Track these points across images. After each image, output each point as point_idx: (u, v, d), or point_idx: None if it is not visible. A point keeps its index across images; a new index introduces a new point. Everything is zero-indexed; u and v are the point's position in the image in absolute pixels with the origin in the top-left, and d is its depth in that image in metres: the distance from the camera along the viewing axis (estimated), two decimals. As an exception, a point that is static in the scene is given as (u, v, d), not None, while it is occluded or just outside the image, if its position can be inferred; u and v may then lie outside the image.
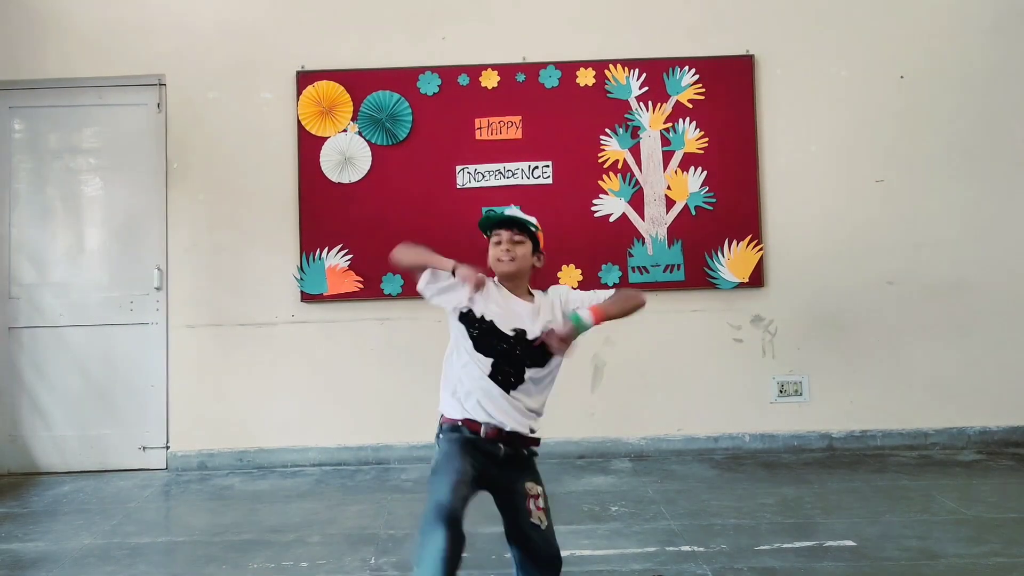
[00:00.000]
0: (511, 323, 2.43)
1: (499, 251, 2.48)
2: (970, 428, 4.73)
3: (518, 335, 2.43)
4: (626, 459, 4.66)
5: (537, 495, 2.39)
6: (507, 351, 2.42)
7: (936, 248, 4.78)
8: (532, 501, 2.37)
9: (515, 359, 2.42)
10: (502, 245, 2.48)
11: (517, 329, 2.43)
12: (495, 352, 2.41)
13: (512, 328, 2.43)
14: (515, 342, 2.42)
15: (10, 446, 4.72)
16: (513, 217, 2.53)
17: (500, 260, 2.48)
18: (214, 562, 3.27)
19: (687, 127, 4.78)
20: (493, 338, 2.42)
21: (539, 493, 2.40)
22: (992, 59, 4.82)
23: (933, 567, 2.99)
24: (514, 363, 2.42)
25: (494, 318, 2.43)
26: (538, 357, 2.44)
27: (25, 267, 4.80)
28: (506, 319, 2.44)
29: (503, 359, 2.42)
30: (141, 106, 4.85)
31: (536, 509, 2.36)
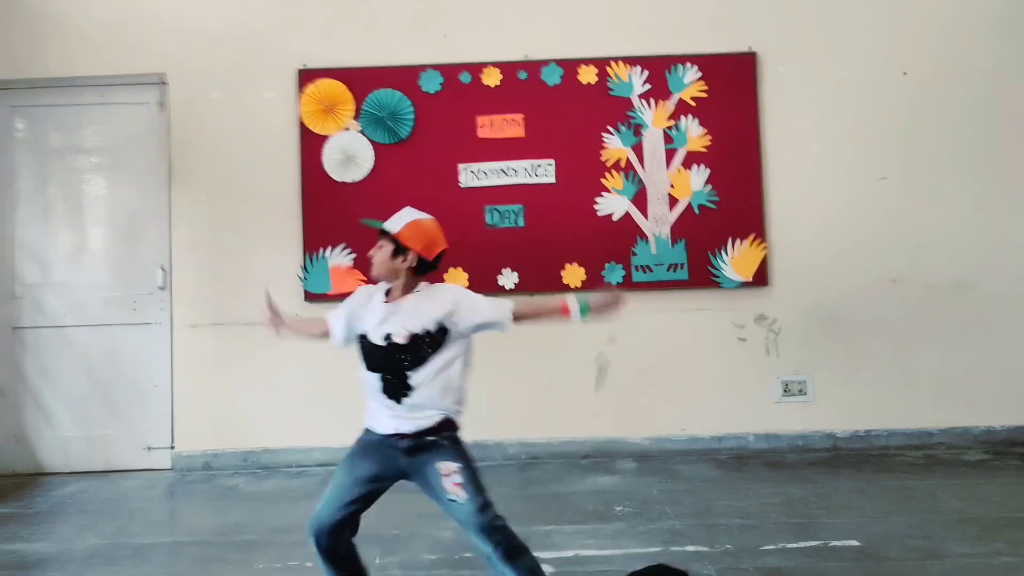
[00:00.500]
0: (382, 331, 2.46)
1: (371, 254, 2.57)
2: (975, 428, 4.72)
3: (388, 340, 2.44)
4: (630, 459, 4.66)
5: (450, 473, 2.39)
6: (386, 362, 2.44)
7: (940, 247, 4.77)
8: (445, 480, 2.38)
9: (395, 369, 2.43)
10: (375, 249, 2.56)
11: (387, 335, 2.45)
12: (378, 367, 2.45)
13: (383, 336, 2.45)
14: (388, 349, 2.44)
15: (15, 447, 4.73)
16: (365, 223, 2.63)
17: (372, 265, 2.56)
18: (219, 562, 3.27)
19: (690, 125, 4.76)
20: (373, 352, 2.46)
21: (452, 471, 2.39)
22: (996, 56, 4.80)
23: (938, 567, 2.98)
24: (396, 373, 2.43)
25: (367, 332, 2.48)
26: (414, 358, 2.43)
27: (28, 267, 4.81)
28: (377, 328, 2.47)
29: (387, 372, 2.44)
30: (143, 105, 4.85)
31: (452, 486, 2.37)
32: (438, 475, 2.39)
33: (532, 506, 3.86)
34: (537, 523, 3.60)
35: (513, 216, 4.74)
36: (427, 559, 3.23)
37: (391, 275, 2.54)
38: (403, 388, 2.43)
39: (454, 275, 4.70)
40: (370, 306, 2.53)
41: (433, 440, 2.44)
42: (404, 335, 2.43)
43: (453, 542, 3.40)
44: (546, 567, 3.07)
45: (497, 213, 4.74)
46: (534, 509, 3.81)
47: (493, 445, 4.72)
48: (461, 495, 2.36)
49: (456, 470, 2.39)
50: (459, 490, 2.36)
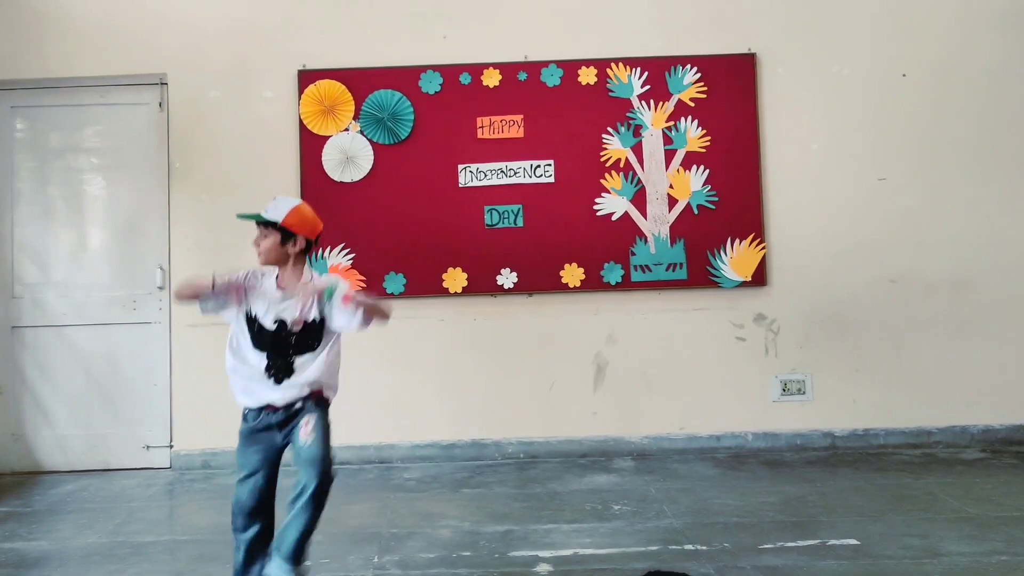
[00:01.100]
0: (272, 314, 2.64)
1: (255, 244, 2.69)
2: (973, 426, 4.72)
3: (280, 325, 2.63)
4: (628, 458, 4.66)
5: (307, 422, 2.62)
6: (274, 345, 2.63)
7: (939, 246, 4.78)
8: (303, 427, 2.62)
9: (281, 352, 2.63)
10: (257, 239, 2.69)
11: (278, 319, 2.63)
12: (267, 346, 2.64)
13: (274, 320, 2.63)
14: (278, 332, 2.63)
15: (14, 445, 4.73)
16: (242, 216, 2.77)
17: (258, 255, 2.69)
18: (218, 561, 3.27)
19: (689, 126, 4.77)
20: (262, 334, 2.64)
21: (310, 420, 2.62)
22: (995, 57, 4.82)
23: (936, 565, 2.98)
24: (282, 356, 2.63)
25: (258, 314, 2.65)
26: (304, 343, 2.64)
27: (28, 266, 4.81)
28: (268, 312, 2.64)
29: (274, 352, 2.63)
30: (143, 105, 4.86)
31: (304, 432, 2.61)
32: (298, 428, 2.62)
33: (530, 505, 3.86)
34: (535, 522, 3.61)
35: (512, 216, 4.75)
36: (425, 558, 3.23)
37: (281, 260, 2.69)
38: (287, 370, 2.62)
39: (453, 275, 4.71)
40: (261, 289, 2.68)
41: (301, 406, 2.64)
42: (297, 323, 2.62)
43: (451, 541, 3.41)
44: (544, 565, 3.10)
45: (496, 213, 4.75)
46: (532, 508, 3.82)
47: (492, 444, 4.72)
48: (310, 438, 2.59)
49: (313, 420, 2.62)
50: (310, 434, 2.59)
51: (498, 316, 4.76)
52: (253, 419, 2.69)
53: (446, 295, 4.73)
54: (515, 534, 3.46)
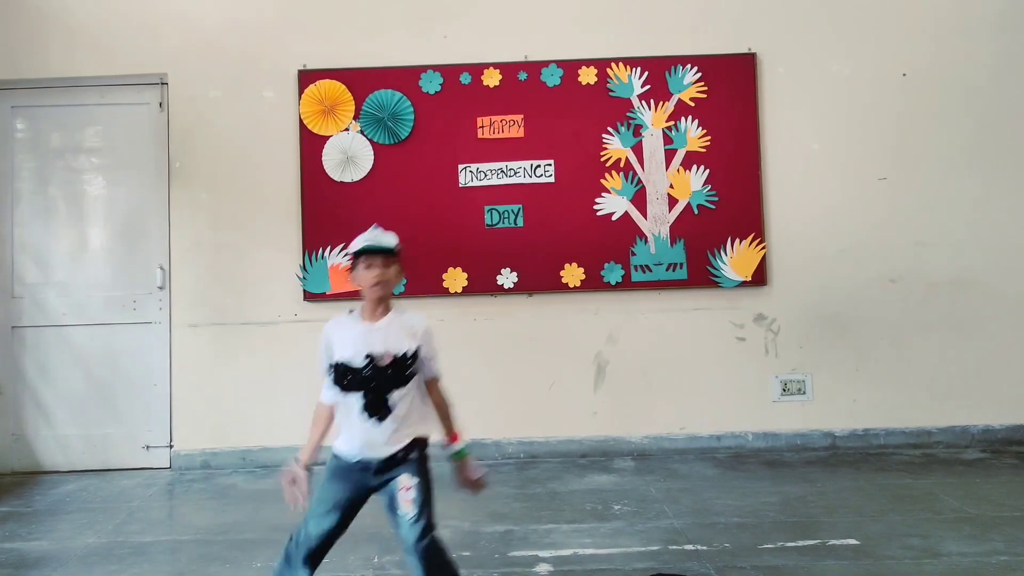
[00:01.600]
0: (361, 351, 2.48)
1: (371, 275, 2.50)
2: (973, 426, 4.72)
3: (369, 360, 2.47)
4: (629, 458, 4.66)
5: (408, 487, 2.45)
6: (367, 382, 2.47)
7: (939, 246, 4.77)
8: (402, 494, 2.45)
9: (376, 388, 2.47)
10: (374, 270, 2.50)
11: (366, 355, 2.47)
12: (359, 388, 2.47)
13: (363, 356, 2.47)
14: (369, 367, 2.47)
15: (14, 445, 4.73)
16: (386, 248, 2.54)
17: (373, 285, 2.50)
18: (218, 561, 3.27)
19: (689, 125, 4.77)
20: (353, 374, 2.47)
21: (411, 485, 2.45)
22: (995, 57, 4.81)
23: (936, 566, 2.98)
24: (377, 392, 2.47)
25: (345, 356, 2.49)
26: (396, 379, 2.48)
27: (28, 266, 4.81)
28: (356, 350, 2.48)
29: (368, 392, 2.47)
30: (143, 105, 4.86)
31: (405, 503, 2.44)
32: (397, 487, 2.45)
33: (531, 505, 3.86)
34: (536, 522, 3.61)
35: (513, 216, 4.75)
36: (425, 557, 3.22)
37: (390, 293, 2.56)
38: (384, 406, 2.46)
39: (453, 275, 4.71)
40: (342, 332, 2.53)
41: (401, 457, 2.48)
42: (387, 357, 2.47)
43: (450, 541, 3.39)
44: (544, 565, 3.10)
45: (497, 213, 4.75)
46: (533, 508, 3.82)
47: (492, 444, 4.72)
48: (411, 511, 2.43)
49: (414, 485, 2.45)
50: (411, 507, 2.43)
51: (498, 316, 4.76)
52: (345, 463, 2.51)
53: (446, 295, 4.73)
54: (515, 534, 3.46)
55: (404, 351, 2.48)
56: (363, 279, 2.51)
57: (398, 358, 2.48)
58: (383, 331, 2.50)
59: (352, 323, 2.54)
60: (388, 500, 2.47)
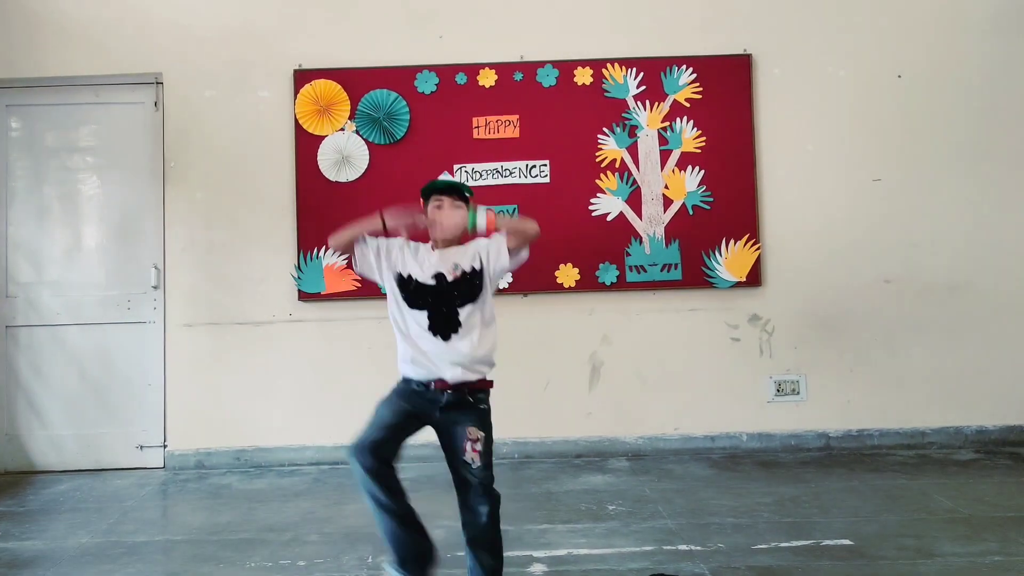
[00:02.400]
0: (430, 271, 2.62)
1: (440, 215, 2.64)
2: (967, 427, 4.73)
3: (439, 279, 2.61)
4: (623, 458, 4.67)
5: (476, 439, 2.57)
6: (436, 299, 2.59)
7: (933, 247, 4.79)
8: (470, 443, 2.57)
9: (445, 303, 2.59)
10: (443, 208, 2.65)
11: (436, 274, 2.61)
12: (427, 304, 2.59)
13: (432, 276, 2.62)
14: (439, 287, 2.60)
15: (7, 445, 4.72)
16: (454, 183, 2.72)
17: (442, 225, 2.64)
18: (211, 561, 3.27)
19: (684, 126, 4.78)
20: (422, 291, 2.60)
21: (479, 437, 2.57)
22: (990, 58, 4.83)
23: (930, 566, 2.99)
24: (447, 307, 2.59)
25: (414, 274, 2.63)
26: (465, 293, 2.60)
27: (22, 266, 4.80)
28: (425, 271, 2.63)
29: (435, 308, 2.59)
30: (138, 104, 4.85)
31: (472, 451, 2.56)
32: (464, 437, 2.56)
33: (525, 505, 3.86)
34: (530, 522, 3.61)
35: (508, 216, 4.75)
36: (420, 557, 3.22)
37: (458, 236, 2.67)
38: (453, 323, 2.57)
39: (448, 275, 4.70)
40: (412, 253, 2.67)
41: (469, 400, 2.60)
42: (455, 273, 2.60)
43: (446, 541, 3.39)
44: (539, 566, 3.11)
45: (492, 213, 4.74)
46: (527, 508, 3.82)
47: (487, 445, 4.72)
48: (477, 460, 2.56)
49: (480, 437, 2.58)
50: (477, 456, 2.56)
51: (493, 316, 4.75)
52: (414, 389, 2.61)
53: (441, 295, 4.73)
54: (510, 534, 3.45)
55: (472, 267, 2.62)
56: (432, 219, 2.66)
57: (467, 273, 2.61)
58: (451, 255, 2.66)
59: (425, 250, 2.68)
60: (450, 442, 2.58)
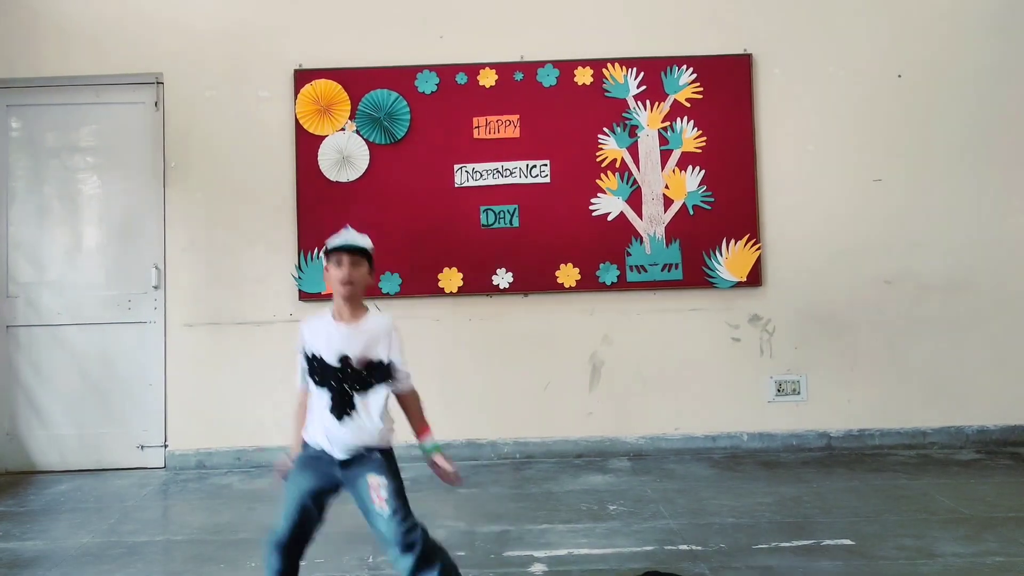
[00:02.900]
0: (336, 351, 2.50)
1: (340, 274, 2.52)
2: (968, 427, 4.73)
3: (343, 362, 2.49)
4: (624, 458, 4.66)
5: (378, 486, 2.46)
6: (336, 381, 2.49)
7: (934, 247, 4.78)
8: (373, 492, 2.46)
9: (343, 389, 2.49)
10: (343, 268, 2.51)
11: (342, 356, 2.49)
12: (328, 385, 2.49)
13: (338, 357, 2.49)
14: (343, 369, 2.49)
15: (8, 445, 4.72)
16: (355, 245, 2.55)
17: (342, 283, 2.52)
18: (212, 561, 3.27)
19: (685, 126, 4.78)
20: (325, 372, 2.50)
21: (380, 484, 2.47)
22: (989, 58, 4.83)
23: (931, 566, 2.99)
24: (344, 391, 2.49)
25: (321, 352, 2.51)
26: (362, 381, 2.50)
27: (23, 266, 4.80)
28: (331, 349, 2.50)
29: (336, 390, 2.49)
30: (139, 104, 4.85)
31: (378, 499, 2.45)
32: (367, 487, 2.46)
33: (526, 505, 3.86)
34: (531, 522, 3.61)
35: (508, 216, 4.75)
36: (421, 557, 3.22)
37: (364, 292, 2.57)
38: (348, 407, 2.48)
39: (449, 275, 4.71)
40: (319, 328, 2.55)
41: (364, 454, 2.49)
42: (362, 361, 2.49)
43: (446, 540, 3.38)
44: (539, 566, 3.10)
45: (492, 213, 4.75)
46: (528, 508, 3.81)
47: (487, 444, 4.72)
48: (385, 509, 2.44)
49: (383, 484, 2.46)
50: (384, 504, 2.44)
51: (494, 316, 4.76)
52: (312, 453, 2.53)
53: (442, 295, 4.73)
54: (510, 534, 3.46)
55: (380, 359, 2.52)
56: (333, 278, 2.53)
57: (372, 363, 2.51)
58: (360, 335, 2.52)
59: (329, 322, 2.55)
60: (359, 501, 2.48)
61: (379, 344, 2.53)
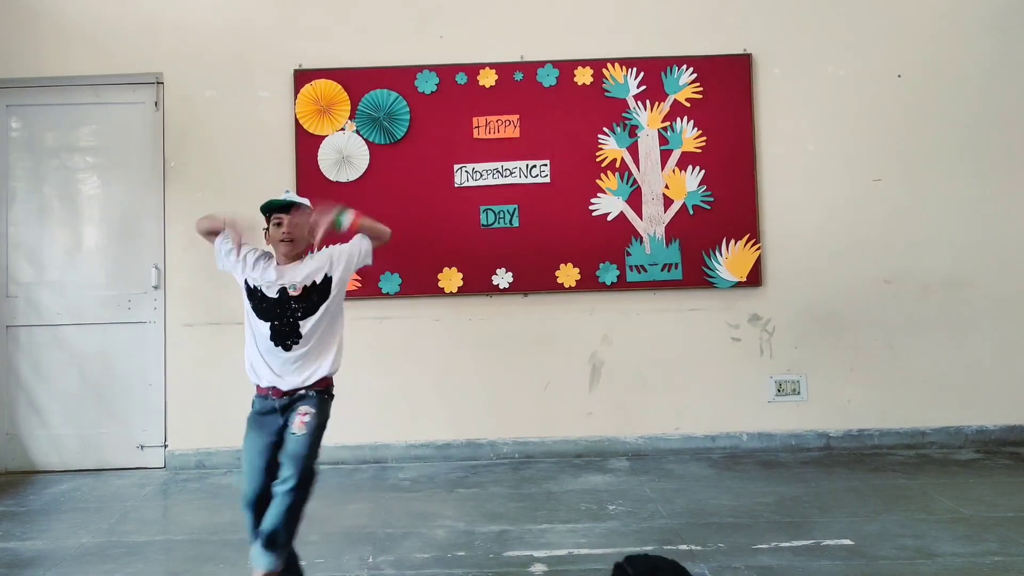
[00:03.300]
0: (277, 285, 2.75)
1: (280, 232, 2.78)
2: (967, 427, 4.73)
3: (282, 293, 2.73)
4: (624, 458, 4.67)
5: (305, 412, 2.68)
6: (279, 312, 2.72)
7: (933, 247, 4.79)
8: (299, 416, 2.67)
9: (287, 316, 2.72)
10: (282, 227, 2.78)
11: (281, 288, 2.74)
12: (270, 316, 2.72)
13: (277, 290, 2.74)
14: (281, 299, 2.73)
15: (8, 445, 4.72)
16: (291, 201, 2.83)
17: (282, 240, 2.77)
18: (212, 561, 3.27)
19: (685, 126, 4.78)
20: (266, 303, 2.74)
21: (307, 411, 2.69)
22: (990, 57, 4.83)
23: (930, 566, 2.99)
24: (287, 320, 2.72)
25: (260, 286, 2.76)
26: (307, 306, 2.74)
27: (23, 266, 4.80)
28: (272, 284, 2.75)
29: (278, 320, 2.72)
30: (139, 104, 4.85)
31: (299, 422, 2.66)
32: (296, 415, 2.68)
33: (526, 505, 3.86)
34: (531, 522, 3.61)
35: (508, 216, 4.75)
36: (420, 558, 3.23)
37: (300, 245, 2.79)
38: (293, 335, 2.70)
39: (449, 275, 4.71)
40: (261, 264, 2.79)
41: (304, 393, 2.71)
42: (298, 288, 2.73)
43: (446, 541, 3.41)
44: (539, 565, 3.11)
45: (492, 213, 4.75)
46: (528, 508, 3.82)
47: (487, 444, 4.72)
48: (301, 430, 2.64)
49: (309, 412, 2.68)
50: (303, 427, 2.65)
51: (493, 316, 4.76)
52: (259, 404, 2.76)
53: (441, 295, 4.73)
54: (510, 534, 3.47)
55: (314, 280, 2.75)
56: (273, 237, 2.80)
57: (308, 287, 2.74)
58: (297, 268, 2.77)
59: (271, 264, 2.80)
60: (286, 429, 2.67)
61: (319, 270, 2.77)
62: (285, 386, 2.71)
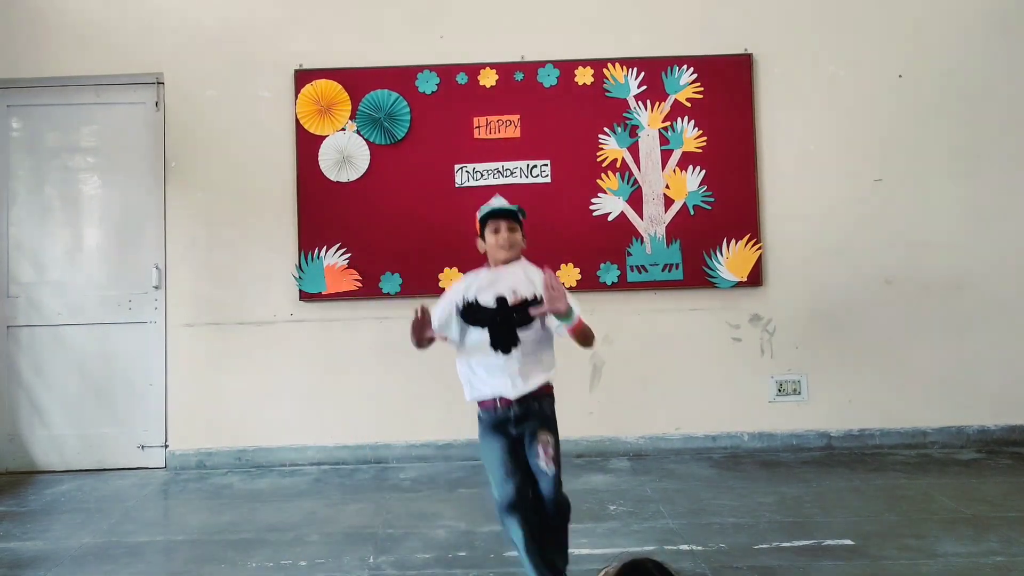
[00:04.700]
0: (493, 294, 2.72)
1: (499, 239, 2.76)
2: (969, 427, 4.73)
3: (500, 302, 2.71)
4: (624, 458, 4.66)
5: (547, 443, 2.68)
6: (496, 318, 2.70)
7: (934, 247, 4.78)
8: (542, 447, 2.67)
9: (504, 323, 2.69)
10: (501, 234, 2.76)
11: (499, 297, 2.71)
12: (487, 323, 2.70)
13: (494, 298, 2.71)
14: (499, 309, 2.71)
15: (9, 445, 4.72)
16: (511, 209, 2.83)
17: (501, 247, 2.76)
18: (213, 561, 3.27)
19: (685, 126, 4.78)
20: (482, 313, 2.72)
21: (549, 441, 2.68)
22: (991, 58, 4.82)
23: (932, 566, 2.99)
24: (505, 326, 2.69)
25: (477, 297, 2.73)
26: (523, 316, 2.70)
27: (23, 266, 4.80)
28: (488, 293, 2.73)
29: (495, 326, 2.70)
30: (139, 104, 4.85)
31: (546, 459, 2.65)
32: (537, 443, 2.67)
33: (527, 505, 3.85)
34: (531, 522, 3.60)
35: (509, 216, 4.74)
36: (420, 558, 3.23)
37: (518, 248, 2.79)
38: (512, 338, 2.68)
39: (450, 275, 4.71)
40: (475, 281, 2.78)
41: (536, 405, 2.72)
42: (515, 298, 2.70)
43: (447, 541, 3.41)
44: (540, 565, 3.09)
45: (493, 213, 4.74)
46: (528, 508, 3.81)
47: (488, 445, 4.72)
48: (552, 468, 2.65)
49: (550, 442, 2.69)
50: (551, 464, 2.65)
51: (494, 316, 4.75)
52: (489, 417, 2.73)
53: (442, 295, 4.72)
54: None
55: (534, 294, 2.70)
56: (490, 243, 2.79)
57: (527, 300, 2.70)
58: (511, 276, 2.74)
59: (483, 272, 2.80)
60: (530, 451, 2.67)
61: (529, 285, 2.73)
62: (513, 394, 2.69)
